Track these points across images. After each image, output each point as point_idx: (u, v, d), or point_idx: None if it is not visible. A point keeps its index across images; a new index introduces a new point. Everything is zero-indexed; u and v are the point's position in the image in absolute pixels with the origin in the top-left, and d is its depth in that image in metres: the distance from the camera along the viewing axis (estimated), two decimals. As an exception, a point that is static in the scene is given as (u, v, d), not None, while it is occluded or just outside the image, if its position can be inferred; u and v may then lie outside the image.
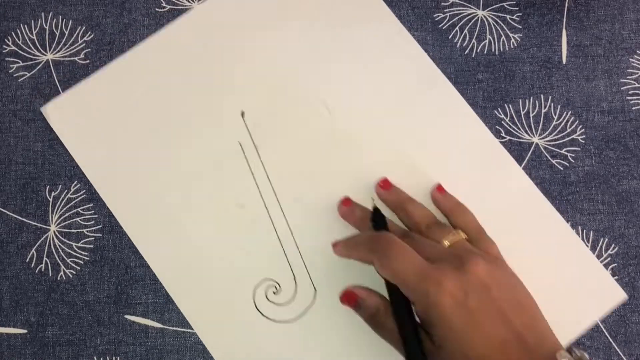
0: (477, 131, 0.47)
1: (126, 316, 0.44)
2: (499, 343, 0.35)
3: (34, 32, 0.48)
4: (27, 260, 0.45)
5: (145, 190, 0.45)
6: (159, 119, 0.46)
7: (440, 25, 0.49)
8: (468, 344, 0.35)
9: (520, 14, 0.49)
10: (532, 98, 0.48)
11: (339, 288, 0.43)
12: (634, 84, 0.48)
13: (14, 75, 0.47)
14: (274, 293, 0.44)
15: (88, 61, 0.48)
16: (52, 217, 0.45)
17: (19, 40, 0.48)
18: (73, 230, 0.45)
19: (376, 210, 0.42)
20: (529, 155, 0.47)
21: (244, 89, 0.47)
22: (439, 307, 0.36)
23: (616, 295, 0.44)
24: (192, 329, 0.43)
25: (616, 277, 0.45)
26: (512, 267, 0.40)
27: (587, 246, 0.45)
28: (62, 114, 0.46)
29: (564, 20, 0.49)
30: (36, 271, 0.44)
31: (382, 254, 0.38)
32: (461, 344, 0.35)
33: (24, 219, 0.45)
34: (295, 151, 0.46)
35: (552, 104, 0.48)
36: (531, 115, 0.47)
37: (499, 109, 0.47)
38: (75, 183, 0.46)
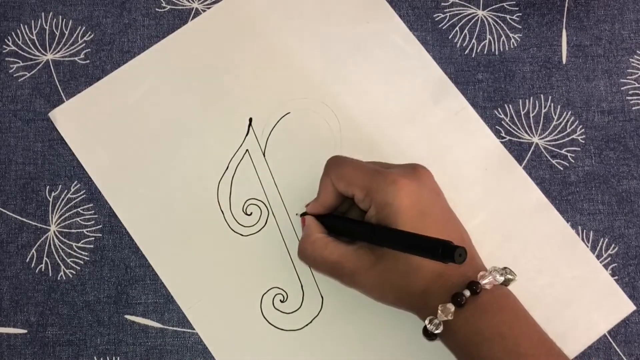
0: (481, 135, 0.47)
1: (126, 316, 0.44)
2: None
3: (34, 32, 0.48)
4: (27, 260, 0.45)
5: (151, 195, 0.45)
6: (165, 124, 0.46)
7: (440, 25, 0.49)
8: None
9: (520, 14, 0.49)
10: (532, 98, 0.48)
11: (347, 297, 0.43)
12: (634, 84, 0.48)
13: (14, 75, 0.47)
14: (281, 301, 0.44)
15: (88, 61, 0.48)
16: (52, 217, 0.45)
17: (19, 40, 0.48)
18: (73, 230, 0.45)
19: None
20: (529, 155, 0.47)
21: (252, 95, 0.47)
22: (394, 205, 0.36)
23: (624, 306, 0.44)
24: (192, 329, 0.43)
25: (616, 277, 0.45)
26: (519, 275, 0.39)
27: (587, 246, 0.45)
28: (69, 118, 0.46)
29: (564, 20, 0.49)
30: (36, 271, 0.44)
31: (335, 168, 0.40)
32: None
33: (24, 219, 0.45)
34: (304, 159, 0.46)
35: (552, 104, 0.48)
36: (531, 115, 0.47)
37: (499, 109, 0.47)
38: (75, 183, 0.46)
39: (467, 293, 0.35)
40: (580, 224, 0.46)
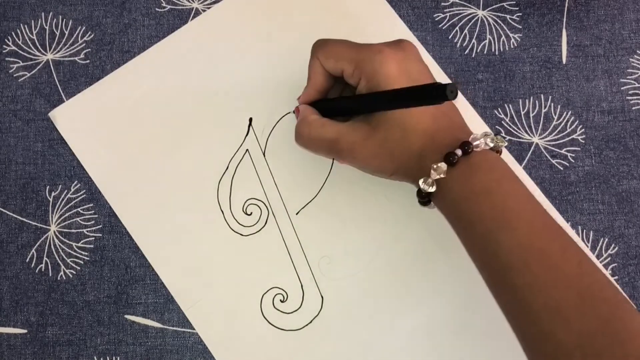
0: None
1: (126, 316, 0.44)
2: (431, 113, 0.37)
3: (34, 32, 0.48)
4: (27, 260, 0.45)
5: (152, 195, 0.45)
6: (166, 124, 0.46)
7: (440, 25, 0.49)
8: (407, 112, 0.37)
9: (520, 14, 0.49)
10: (532, 98, 0.48)
11: (347, 297, 0.43)
12: (634, 84, 0.48)
13: (14, 75, 0.47)
14: (281, 301, 0.44)
15: (88, 61, 0.48)
16: (52, 217, 0.45)
17: (19, 40, 0.48)
18: (73, 230, 0.45)
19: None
20: (529, 155, 0.47)
21: (252, 95, 0.47)
22: (382, 72, 0.37)
23: None
24: (192, 329, 0.43)
25: (616, 277, 0.45)
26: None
27: (588, 246, 0.45)
28: (69, 118, 0.46)
29: (564, 20, 0.49)
30: (36, 271, 0.44)
31: (320, 47, 0.40)
32: (401, 113, 0.37)
33: (24, 219, 0.45)
34: (304, 159, 0.46)
35: (552, 104, 0.48)
36: (531, 115, 0.47)
37: (499, 109, 0.47)
38: (75, 183, 0.46)
39: (459, 152, 0.35)
40: (580, 224, 0.46)
